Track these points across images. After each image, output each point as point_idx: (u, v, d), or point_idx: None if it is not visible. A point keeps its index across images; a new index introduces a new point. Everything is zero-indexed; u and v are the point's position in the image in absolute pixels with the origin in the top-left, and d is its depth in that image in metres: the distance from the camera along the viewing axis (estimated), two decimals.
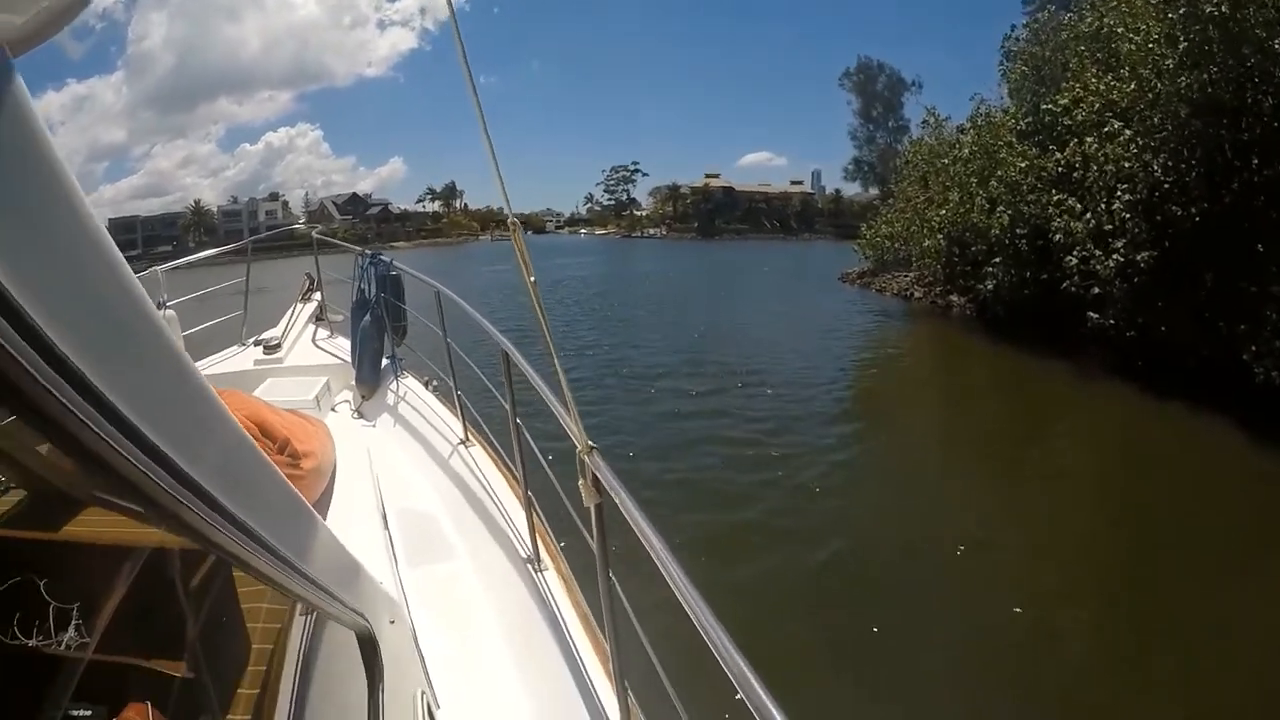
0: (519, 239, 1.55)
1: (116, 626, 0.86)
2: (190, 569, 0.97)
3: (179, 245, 65.97)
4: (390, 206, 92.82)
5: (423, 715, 1.71)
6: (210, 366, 5.06)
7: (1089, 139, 14.75)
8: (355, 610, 1.27)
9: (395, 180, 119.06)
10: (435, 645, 2.37)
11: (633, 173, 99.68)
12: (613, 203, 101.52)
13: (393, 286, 5.05)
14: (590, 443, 1.65)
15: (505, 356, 2.71)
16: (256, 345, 5.45)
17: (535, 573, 2.75)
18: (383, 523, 3.00)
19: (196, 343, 4.95)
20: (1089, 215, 14.59)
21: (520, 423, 2.83)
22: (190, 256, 6.19)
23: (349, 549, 1.34)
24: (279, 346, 5.37)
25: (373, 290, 5.03)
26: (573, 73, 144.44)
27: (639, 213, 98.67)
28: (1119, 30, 14.33)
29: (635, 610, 1.86)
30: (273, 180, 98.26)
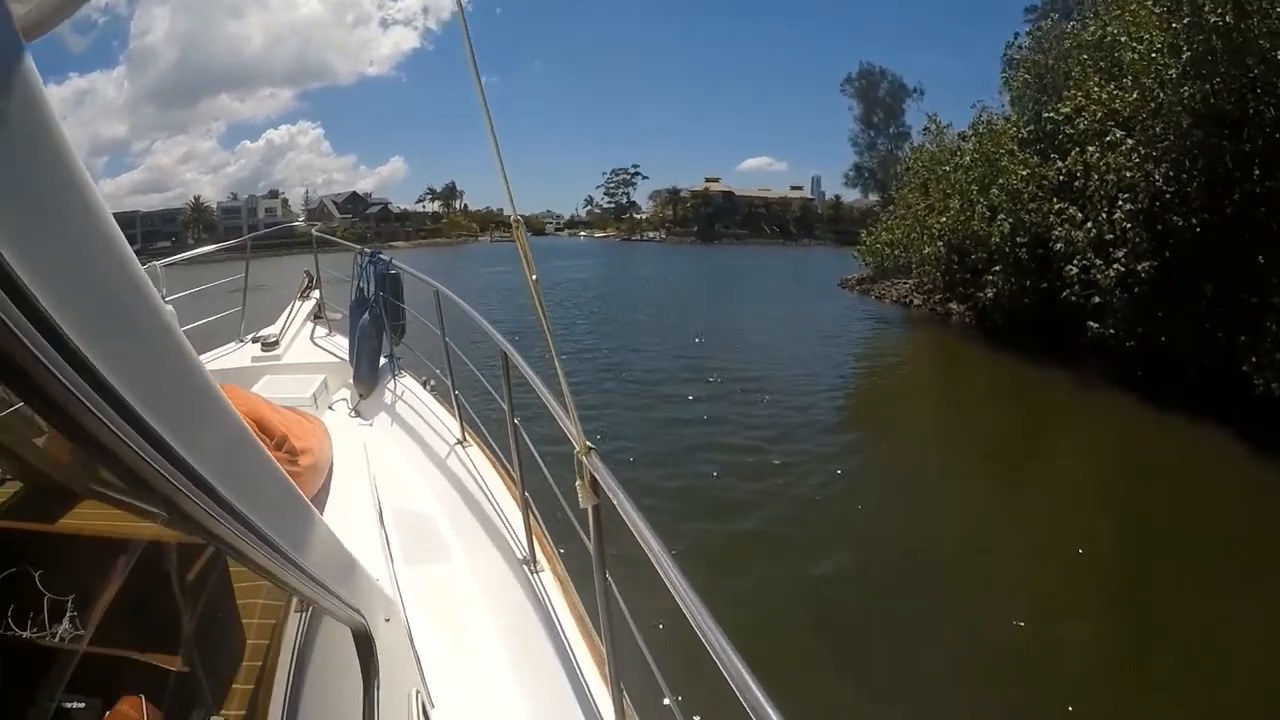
0: (522, 236, 1.54)
1: (112, 619, 0.86)
2: (186, 563, 0.97)
3: (178, 241, 66.30)
4: (390, 206, 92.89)
5: (417, 714, 1.70)
6: (208, 363, 5.05)
7: (1091, 148, 14.78)
8: (351, 606, 1.26)
9: (396, 180, 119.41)
10: (430, 645, 2.36)
11: (633, 175, 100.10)
12: (613, 205, 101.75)
13: (392, 285, 5.05)
14: (588, 443, 1.64)
15: (504, 356, 2.71)
16: (254, 342, 5.45)
17: (531, 574, 2.75)
18: (379, 521, 2.99)
19: (194, 338, 4.74)
20: (1090, 224, 14.61)
21: (518, 423, 2.83)
22: (189, 252, 6.20)
23: (345, 546, 1.34)
24: (277, 344, 5.38)
25: (372, 289, 5.03)
26: (575, 74, 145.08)
27: (639, 216, 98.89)
28: (1122, 39, 14.35)
29: (631, 612, 1.85)
30: (273, 178, 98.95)
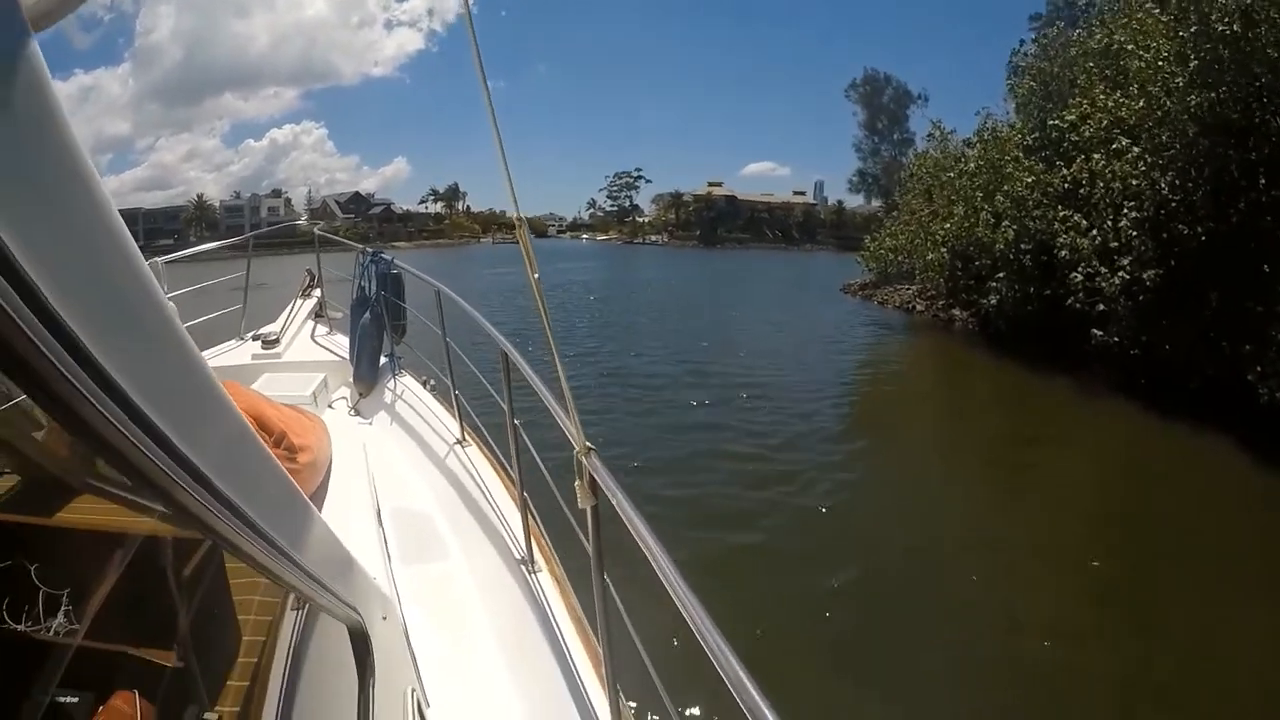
0: (524, 236, 1.54)
1: (107, 614, 0.86)
2: (182, 559, 0.97)
3: (180, 239, 66.57)
4: (393, 206, 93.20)
5: (413, 713, 1.70)
6: (208, 360, 4.96)
7: (1096, 155, 14.75)
8: (348, 604, 1.26)
9: (399, 180, 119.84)
10: (427, 644, 2.36)
11: (636, 179, 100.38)
12: (615, 208, 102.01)
13: (393, 285, 5.06)
14: (588, 444, 1.64)
15: (504, 357, 2.71)
16: (255, 340, 5.48)
17: (529, 574, 2.75)
18: (377, 520, 3.01)
19: (195, 335, 4.70)
20: (1095, 232, 14.56)
21: (518, 424, 2.83)
22: (191, 249, 6.23)
23: (343, 544, 1.34)
24: (278, 341, 5.40)
25: (373, 288, 5.04)
26: (578, 77, 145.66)
27: (641, 219, 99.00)
28: (1129, 47, 14.32)
29: (629, 614, 1.85)
30: (276, 177, 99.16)
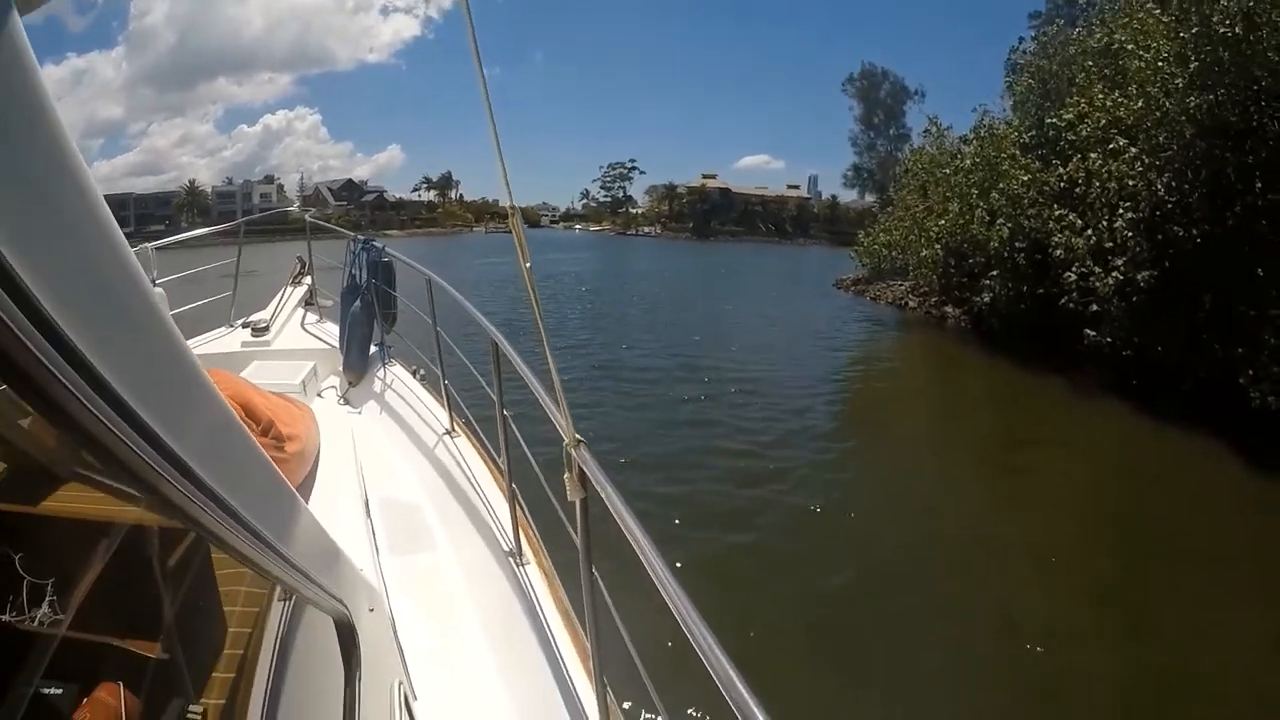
0: (517, 225, 1.54)
1: (91, 604, 0.85)
2: (169, 549, 0.96)
3: (172, 224, 66.13)
4: (386, 194, 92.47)
5: (399, 706, 1.69)
6: (197, 347, 5.08)
7: (1093, 155, 14.72)
8: (334, 596, 1.24)
9: (392, 168, 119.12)
10: (414, 636, 2.37)
11: (630, 170, 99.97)
12: (609, 199, 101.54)
13: (384, 273, 5.04)
14: (577, 436, 1.64)
15: (494, 347, 2.68)
16: (245, 327, 5.46)
17: (517, 566, 2.75)
18: (365, 511, 2.99)
19: (184, 322, 4.96)
20: (1090, 232, 14.57)
21: (507, 414, 2.81)
22: (182, 235, 6.17)
23: (330, 535, 1.32)
24: (267, 329, 5.38)
25: (364, 276, 5.02)
26: (575, 67, 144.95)
27: (634, 210, 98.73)
28: (1129, 47, 14.27)
29: (617, 606, 1.85)
30: (269, 163, 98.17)
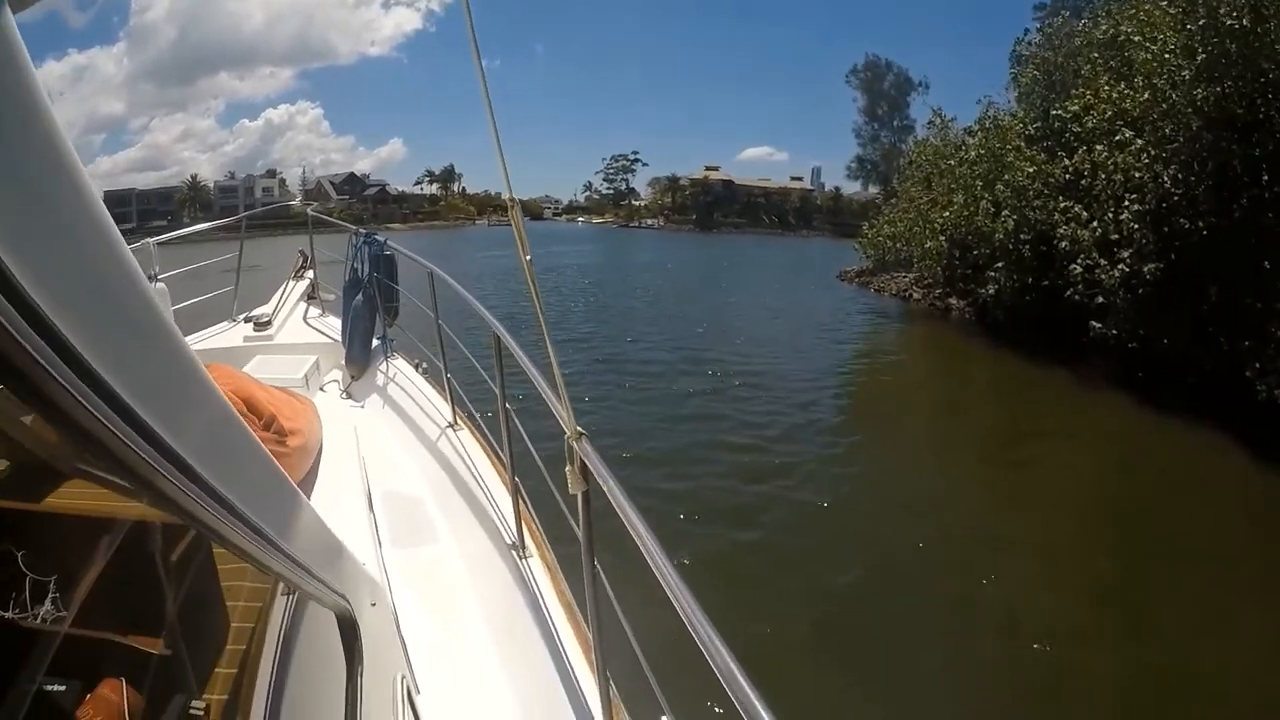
0: (517, 216, 1.54)
1: (94, 601, 0.85)
2: (171, 545, 0.96)
3: (174, 220, 65.76)
4: (388, 187, 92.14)
5: (402, 699, 1.68)
6: (200, 342, 5.09)
7: (1099, 147, 14.60)
8: (336, 591, 1.24)
9: (394, 161, 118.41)
10: (417, 629, 2.38)
11: (633, 162, 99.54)
12: (611, 192, 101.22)
13: (386, 267, 5.03)
14: (579, 429, 1.64)
15: (496, 340, 2.68)
16: (247, 322, 5.47)
17: (520, 559, 2.75)
18: (368, 504, 3.00)
19: (187, 317, 4.99)
20: (1095, 224, 14.48)
21: (509, 407, 2.82)
22: (183, 230, 6.19)
23: (333, 529, 1.32)
24: (270, 323, 5.39)
25: (366, 270, 5.02)
26: (576, 59, 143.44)
27: (637, 203, 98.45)
28: (1135, 39, 14.15)
29: (619, 600, 1.86)
30: (271, 157, 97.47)
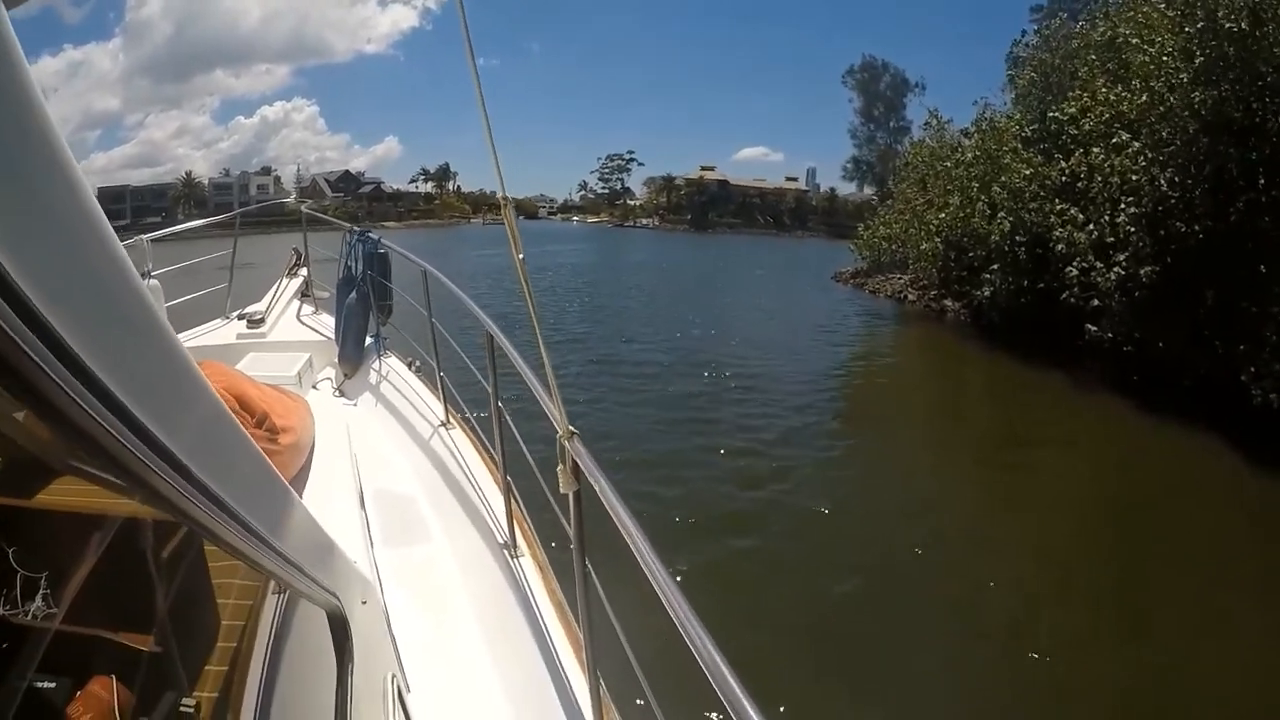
0: (510, 215, 1.54)
1: (85, 598, 0.85)
2: (162, 543, 0.96)
3: (168, 216, 65.61)
4: (383, 185, 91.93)
5: (393, 698, 1.67)
6: (193, 339, 5.07)
7: (1095, 149, 14.65)
8: (327, 589, 1.24)
9: (390, 159, 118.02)
10: (408, 628, 2.37)
11: (628, 162, 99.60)
12: (606, 191, 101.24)
13: (380, 265, 5.01)
14: (571, 428, 1.63)
15: (490, 339, 2.68)
16: (240, 319, 5.45)
17: (511, 559, 2.75)
18: (359, 502, 2.99)
19: (180, 314, 4.92)
20: (1092, 226, 14.51)
21: (502, 406, 2.81)
22: (177, 226, 6.17)
23: (324, 527, 1.32)
24: (263, 321, 5.37)
25: (359, 268, 5.00)
26: (572, 58, 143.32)
27: (632, 202, 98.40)
28: (1133, 41, 14.15)
29: (610, 600, 1.85)
30: (266, 154, 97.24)
